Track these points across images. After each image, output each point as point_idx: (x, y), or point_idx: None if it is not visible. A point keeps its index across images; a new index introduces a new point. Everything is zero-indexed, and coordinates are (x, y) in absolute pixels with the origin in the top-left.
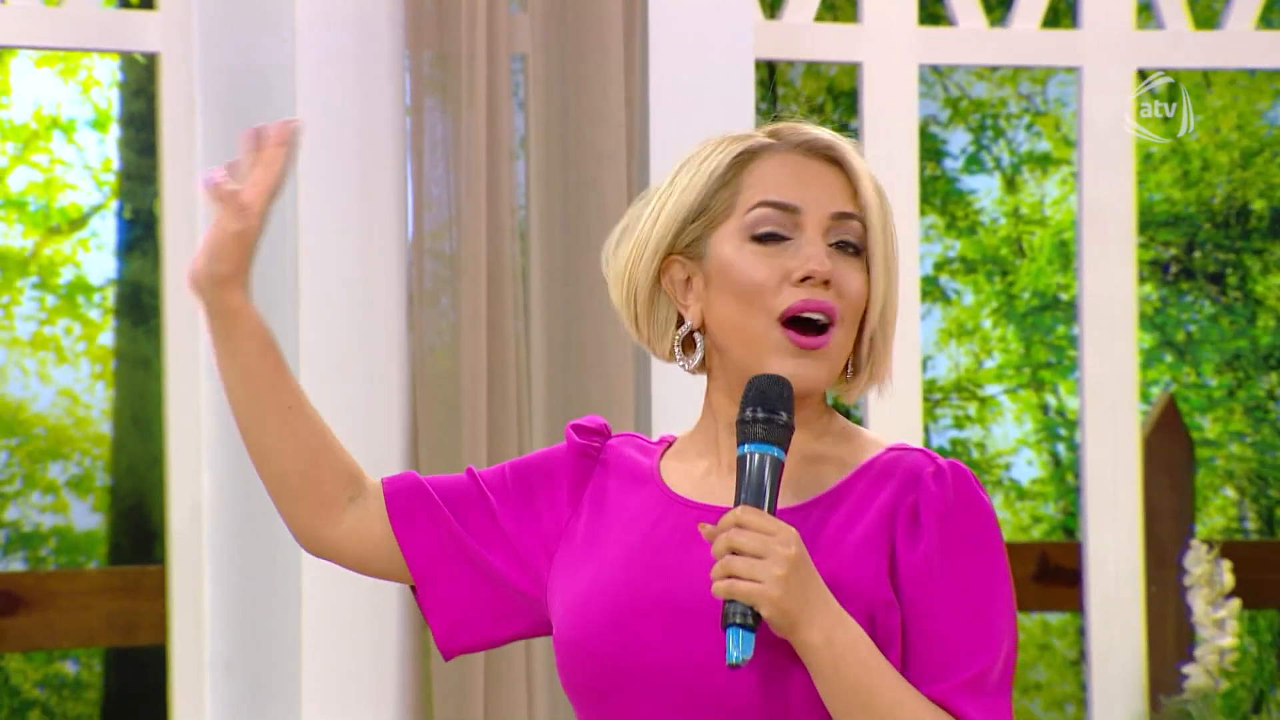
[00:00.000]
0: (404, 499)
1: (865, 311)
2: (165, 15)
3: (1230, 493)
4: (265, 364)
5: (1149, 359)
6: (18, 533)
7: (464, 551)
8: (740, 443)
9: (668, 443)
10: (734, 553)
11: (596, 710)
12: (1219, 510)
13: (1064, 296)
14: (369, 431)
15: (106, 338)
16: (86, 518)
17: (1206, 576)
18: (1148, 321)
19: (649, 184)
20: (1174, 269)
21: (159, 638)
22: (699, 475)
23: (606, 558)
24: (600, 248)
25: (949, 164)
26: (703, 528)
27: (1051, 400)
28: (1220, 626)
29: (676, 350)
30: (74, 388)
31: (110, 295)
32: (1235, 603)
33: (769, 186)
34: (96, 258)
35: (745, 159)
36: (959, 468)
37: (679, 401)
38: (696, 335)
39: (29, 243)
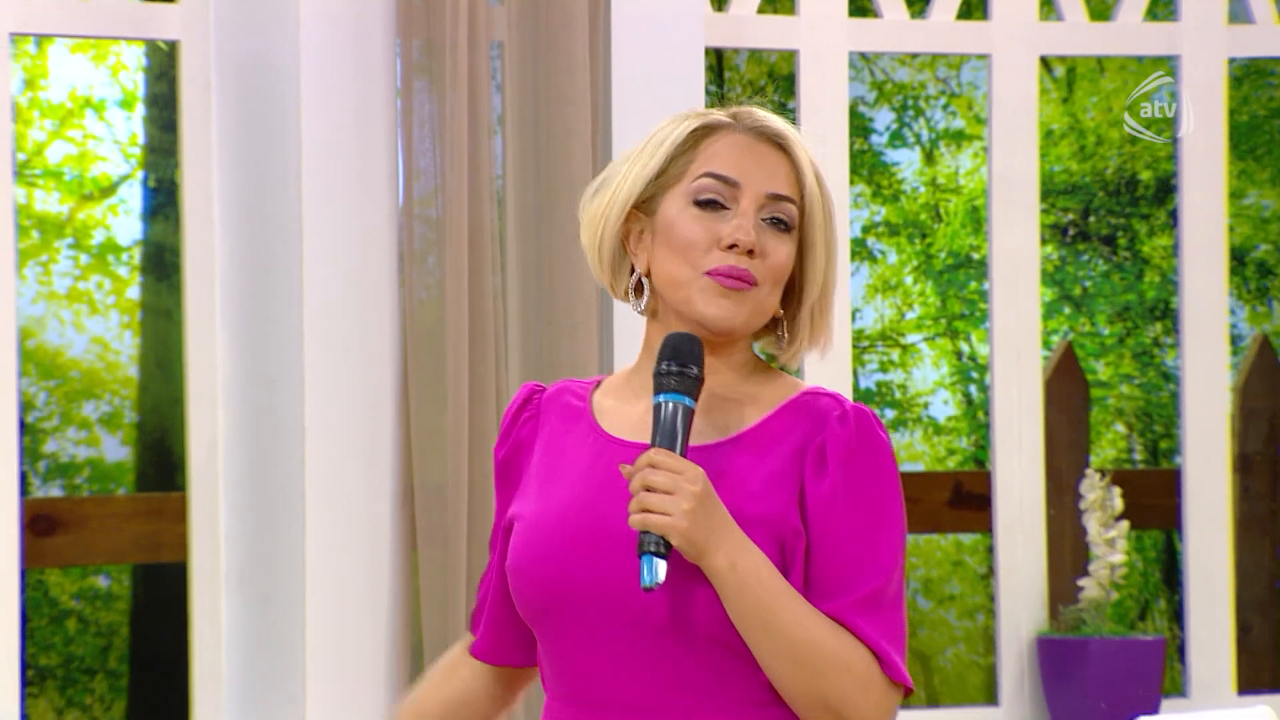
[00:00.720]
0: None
1: (803, 287)
2: (185, 7)
3: (1120, 428)
4: None
5: (1049, 311)
6: (55, 463)
7: None
8: (656, 392)
9: (598, 381)
10: (647, 489)
11: (543, 628)
12: (1110, 443)
13: (975, 256)
14: (365, 374)
15: (133, 292)
16: (116, 450)
17: (1099, 501)
18: (1048, 278)
19: (612, 157)
20: (1072, 232)
21: (180, 555)
22: (638, 416)
23: (549, 494)
24: (569, 214)
25: (875, 139)
26: (622, 468)
27: (965, 347)
28: (1111, 545)
29: (630, 293)
30: (105, 336)
31: (136, 254)
32: (1124, 524)
33: (717, 160)
34: (124, 222)
35: (703, 134)
36: (863, 411)
37: (638, 348)
38: (645, 281)
39: (65, 208)
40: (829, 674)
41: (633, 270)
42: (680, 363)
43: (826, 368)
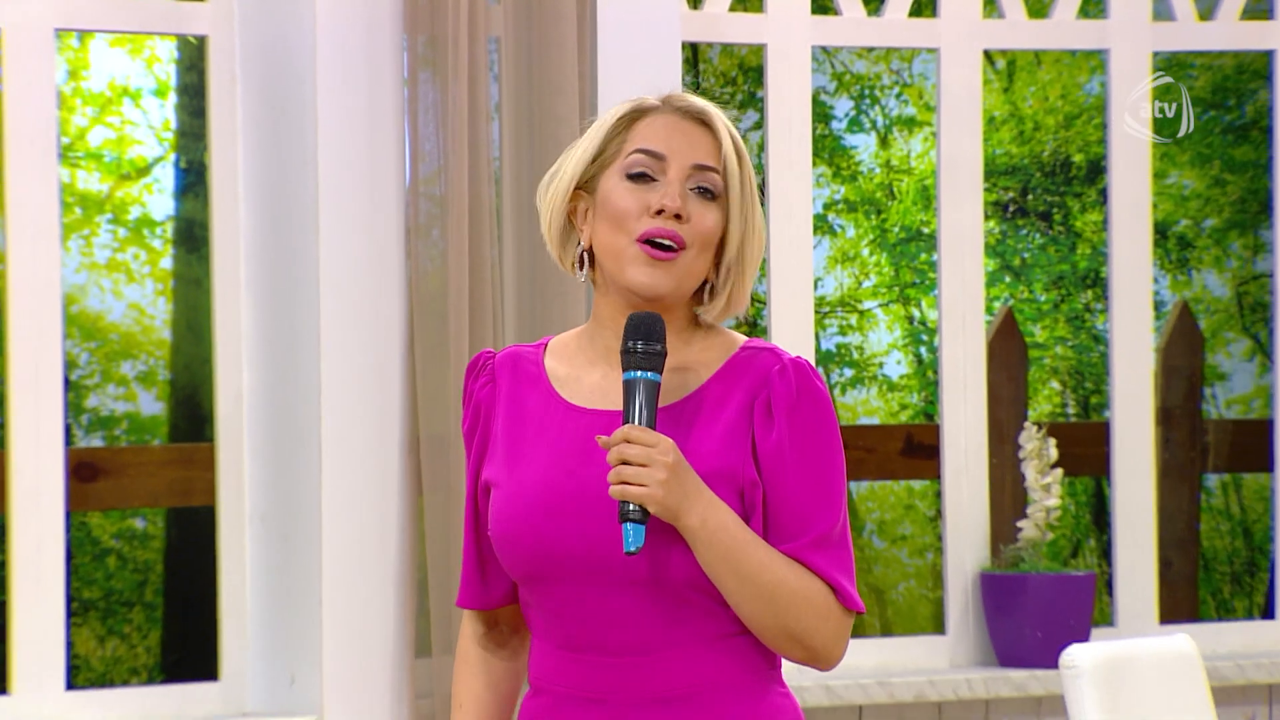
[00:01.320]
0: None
1: (723, 245)
2: (213, 6)
3: (1055, 385)
4: None
5: (991, 280)
6: (97, 417)
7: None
8: (625, 370)
9: (544, 345)
10: (624, 463)
11: (533, 587)
12: (1046, 398)
13: (926, 230)
14: (375, 335)
15: (166, 263)
16: (151, 405)
17: (1036, 451)
18: (991, 250)
19: None
20: (1011, 208)
21: (209, 499)
22: (594, 383)
23: (526, 463)
24: None
25: (835, 125)
26: (600, 440)
27: (916, 313)
28: (1047, 490)
29: (575, 265)
30: (141, 302)
31: (169, 229)
32: (1059, 471)
33: (646, 138)
34: (158, 199)
35: (635, 116)
36: (800, 364)
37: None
38: (587, 254)
39: (104, 187)
40: (792, 609)
41: (579, 244)
42: (646, 340)
43: (792, 331)
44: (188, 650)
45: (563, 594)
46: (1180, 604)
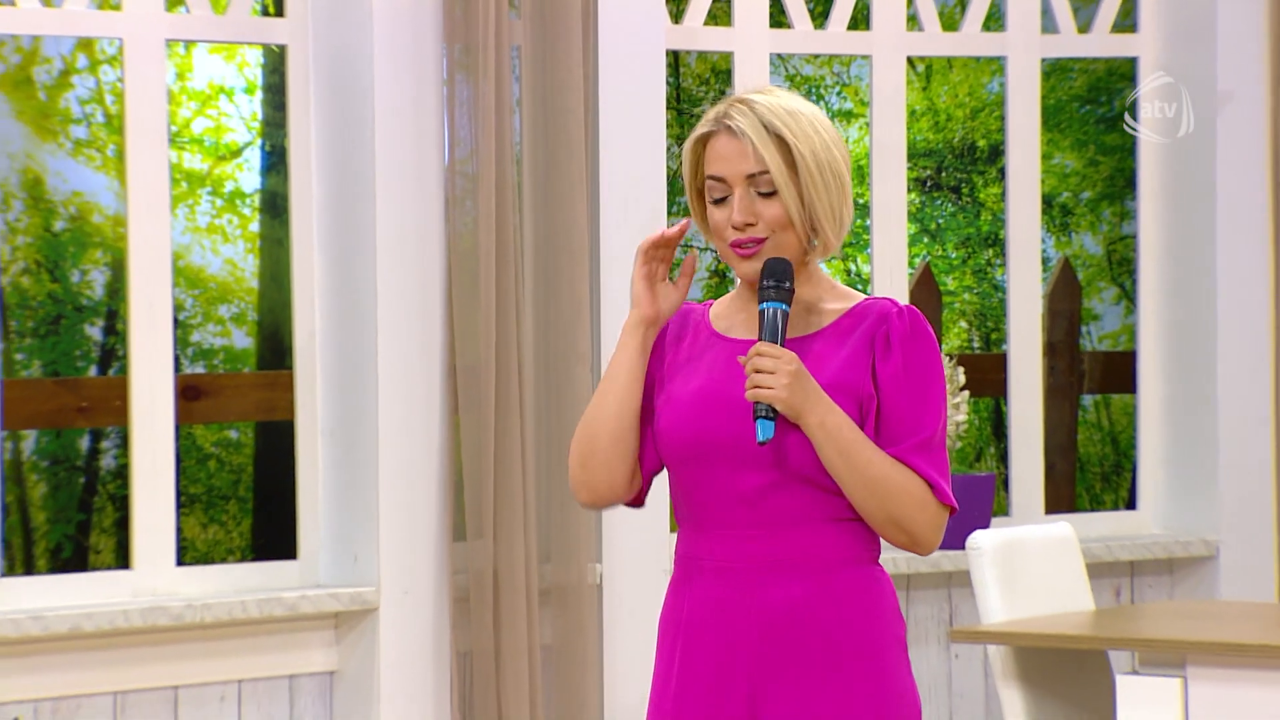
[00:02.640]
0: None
1: (794, 220)
2: (291, 20)
3: (964, 324)
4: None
5: (913, 240)
6: (199, 349)
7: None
8: (761, 302)
9: (709, 305)
10: (757, 371)
11: (685, 470)
12: (956, 335)
13: (861, 201)
14: (420, 284)
15: (254, 226)
16: (242, 340)
17: (949, 377)
18: (912, 217)
19: (598, 131)
20: (929, 184)
21: (289, 415)
22: (740, 321)
23: (690, 377)
24: (567, 173)
25: None
26: (740, 358)
27: (854, 267)
28: (957, 409)
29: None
30: (234, 258)
31: (256, 199)
32: (966, 393)
33: (712, 164)
34: (247, 175)
35: (704, 140)
36: (914, 310)
37: (618, 266)
38: None
39: (205, 166)
40: (895, 498)
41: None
42: (777, 279)
43: None
44: (272, 535)
45: (709, 476)
46: (1061, 498)
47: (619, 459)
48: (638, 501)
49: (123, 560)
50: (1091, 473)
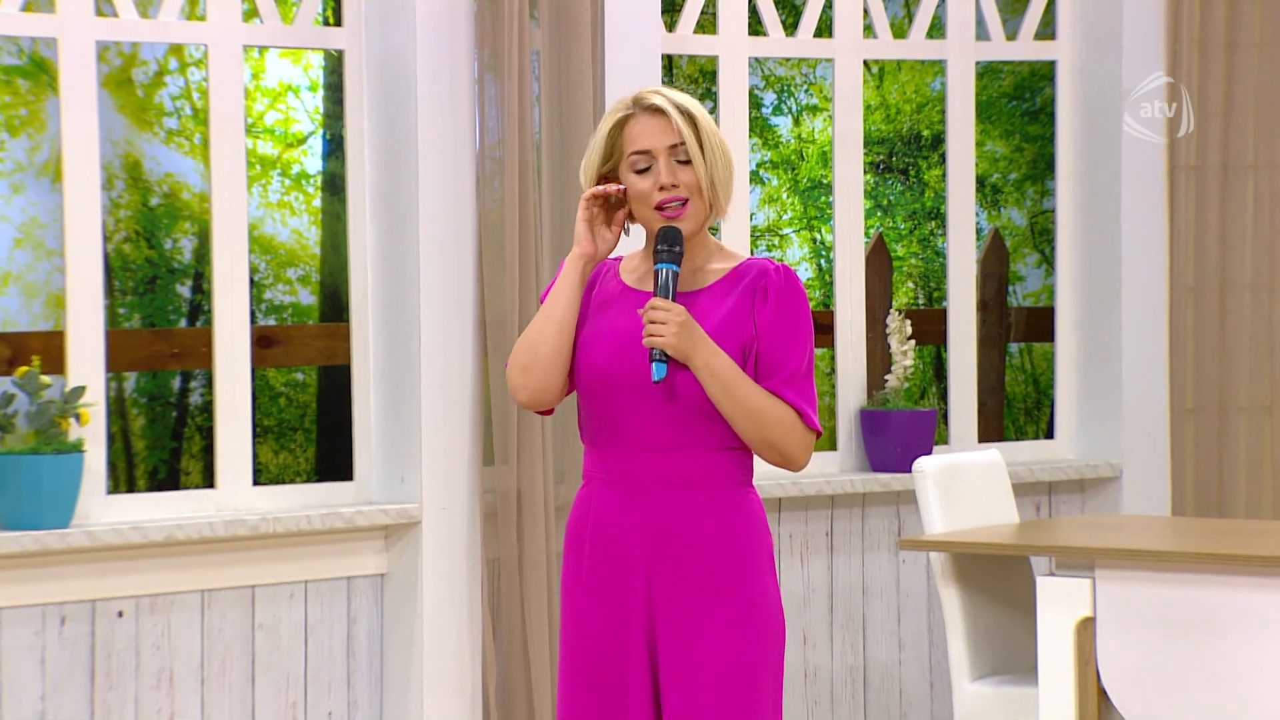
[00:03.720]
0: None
1: (703, 187)
2: (347, 29)
3: (911, 285)
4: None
5: (868, 214)
6: (271, 305)
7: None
8: (656, 263)
9: (620, 259)
10: (652, 322)
11: (595, 399)
12: (905, 294)
13: (825, 181)
14: (456, 251)
15: (317, 203)
16: (307, 298)
17: (898, 329)
18: (869, 195)
19: None
20: (882, 167)
21: (346, 360)
22: (642, 274)
23: (603, 319)
24: (578, 160)
25: (765, 110)
26: (640, 311)
27: (818, 237)
28: (905, 355)
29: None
30: (300, 229)
31: (319, 180)
32: (912, 342)
33: (635, 141)
34: (311, 160)
35: (621, 124)
36: (786, 268)
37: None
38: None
39: (275, 152)
40: (770, 425)
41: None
42: (669, 244)
43: (734, 250)
44: (333, 460)
45: (613, 406)
46: (991, 430)
47: (555, 369)
48: (549, 411)
49: (208, 481)
50: (1017, 408)
